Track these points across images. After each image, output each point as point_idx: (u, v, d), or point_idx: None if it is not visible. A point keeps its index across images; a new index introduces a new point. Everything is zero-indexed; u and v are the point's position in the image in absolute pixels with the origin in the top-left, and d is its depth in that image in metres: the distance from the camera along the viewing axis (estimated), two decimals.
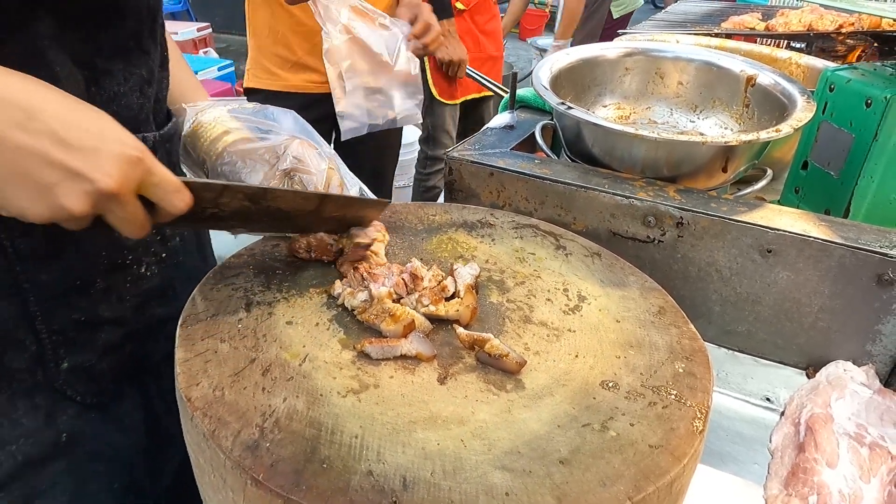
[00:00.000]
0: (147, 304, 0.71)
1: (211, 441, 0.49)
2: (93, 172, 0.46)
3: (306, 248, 0.72)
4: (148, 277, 0.71)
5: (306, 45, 1.73)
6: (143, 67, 0.65)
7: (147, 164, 0.50)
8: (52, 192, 0.46)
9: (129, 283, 0.69)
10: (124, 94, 0.62)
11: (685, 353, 0.64)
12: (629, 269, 0.77)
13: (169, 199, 0.52)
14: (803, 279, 0.78)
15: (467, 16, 2.53)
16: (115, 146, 0.48)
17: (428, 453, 0.49)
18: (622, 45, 1.15)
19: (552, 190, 0.89)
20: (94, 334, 0.67)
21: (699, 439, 0.54)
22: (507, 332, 0.65)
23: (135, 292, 0.70)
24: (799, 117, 0.87)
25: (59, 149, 0.45)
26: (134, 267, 0.69)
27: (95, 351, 0.67)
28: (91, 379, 0.67)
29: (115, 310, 0.68)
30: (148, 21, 0.64)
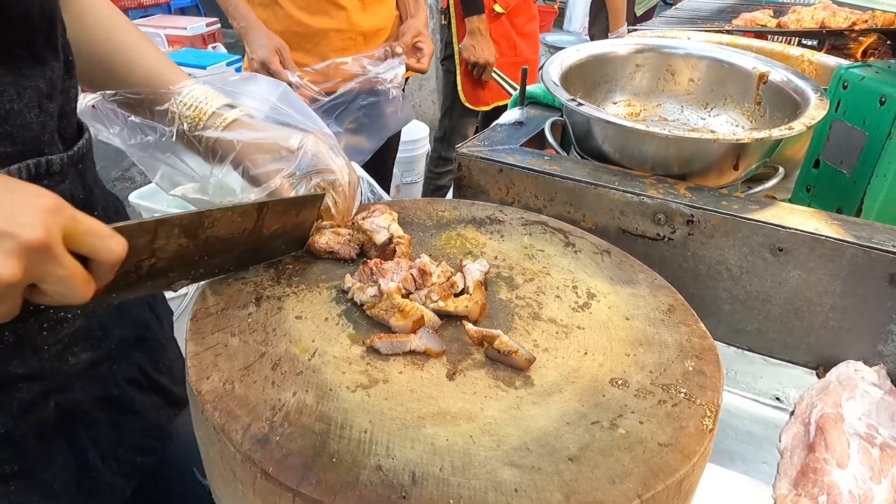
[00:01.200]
0: (69, 351, 0.63)
1: (221, 434, 0.49)
2: (12, 227, 0.40)
3: (326, 247, 0.71)
4: (68, 320, 0.61)
5: (306, 46, 1.72)
6: (40, 79, 0.55)
7: (69, 212, 0.44)
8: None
9: (46, 330, 0.60)
10: (19, 112, 0.53)
11: (695, 352, 0.63)
12: (638, 267, 0.77)
13: (104, 245, 0.45)
14: (815, 278, 0.78)
15: (506, 19, 2.46)
16: (26, 198, 0.42)
17: (437, 449, 0.49)
18: (633, 42, 1.15)
19: (562, 187, 0.89)
20: (7, 395, 0.58)
21: (709, 438, 0.53)
22: (516, 329, 0.65)
23: (53, 340, 0.61)
24: (812, 115, 0.86)
25: None
26: (50, 311, 0.59)
27: (11, 414, 0.58)
28: (9, 445, 0.59)
29: (31, 364, 0.59)
30: (42, 26, 0.55)
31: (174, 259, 0.57)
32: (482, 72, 2.37)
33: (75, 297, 0.45)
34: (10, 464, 0.60)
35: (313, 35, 1.71)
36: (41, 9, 0.55)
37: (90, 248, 0.45)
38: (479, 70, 2.37)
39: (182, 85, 0.71)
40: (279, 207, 0.64)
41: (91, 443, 0.68)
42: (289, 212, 0.66)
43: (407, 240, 0.73)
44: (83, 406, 0.66)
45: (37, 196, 0.43)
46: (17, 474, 0.61)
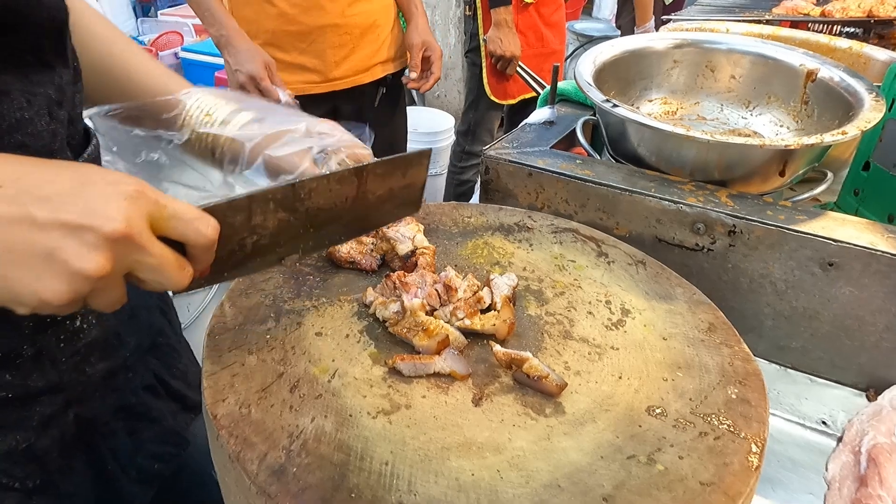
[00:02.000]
0: (86, 362, 0.62)
1: (236, 463, 0.47)
2: (91, 219, 0.39)
3: (347, 257, 0.69)
4: (85, 331, 0.61)
5: (301, 45, 1.64)
6: (50, 86, 0.54)
7: (152, 197, 0.42)
8: (58, 257, 0.38)
9: (64, 342, 0.59)
10: (30, 121, 0.51)
11: (738, 377, 0.59)
12: (675, 280, 0.73)
13: (193, 228, 0.44)
14: (868, 295, 0.72)
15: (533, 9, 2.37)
16: (103, 187, 0.41)
17: (462, 485, 0.46)
18: (671, 37, 1.09)
19: (594, 192, 0.85)
20: (27, 410, 0.57)
21: (755, 477, 0.49)
22: (545, 349, 0.61)
23: (71, 351, 0.60)
24: (867, 118, 0.80)
25: (42, 207, 0.38)
26: (66, 322, 0.59)
27: (31, 427, 0.58)
28: (32, 459, 0.58)
29: (49, 377, 0.58)
30: (51, 32, 0.54)
31: (278, 234, 0.54)
32: (507, 65, 2.30)
33: (172, 283, 0.44)
34: (33, 478, 0.59)
35: (308, 33, 1.62)
36: (50, 15, 0.53)
37: (179, 232, 0.44)
38: (503, 63, 2.31)
39: (187, 92, 0.68)
40: (380, 170, 0.60)
41: (110, 453, 0.67)
42: (393, 173, 0.62)
43: (431, 251, 0.70)
44: (101, 416, 0.66)
45: (115, 184, 0.41)
46: (39, 489, 0.60)
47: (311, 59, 1.67)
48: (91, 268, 0.39)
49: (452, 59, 3.91)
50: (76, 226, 0.38)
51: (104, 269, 0.39)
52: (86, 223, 0.39)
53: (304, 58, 1.67)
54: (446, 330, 0.59)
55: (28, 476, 0.59)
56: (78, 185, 0.40)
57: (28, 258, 0.38)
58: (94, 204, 0.39)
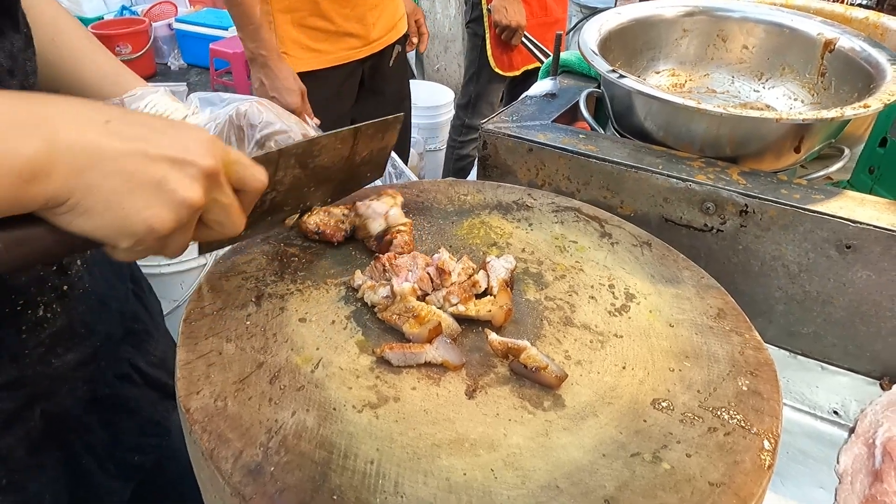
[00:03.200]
0: (52, 353, 0.59)
1: (210, 461, 0.44)
2: (192, 155, 0.43)
3: (314, 227, 0.65)
4: (49, 320, 0.58)
5: (344, 12, 1.64)
6: (0, 53, 0.51)
7: (221, 144, 0.46)
8: (165, 187, 0.42)
9: (26, 332, 0.56)
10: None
11: (749, 367, 0.56)
12: (683, 263, 0.69)
13: (251, 174, 0.48)
14: (887, 280, 0.68)
15: None
16: (192, 131, 0.45)
17: (453, 486, 0.43)
18: (681, 4, 1.03)
19: (598, 169, 0.80)
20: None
21: (767, 476, 0.46)
22: (544, 337, 0.57)
23: (34, 343, 0.57)
24: (890, 90, 0.75)
25: (153, 144, 0.42)
26: (28, 312, 0.56)
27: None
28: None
29: (10, 371, 0.56)
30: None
31: (289, 191, 0.59)
32: (512, 35, 2.23)
33: (233, 225, 0.48)
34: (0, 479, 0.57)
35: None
36: None
37: (239, 177, 0.47)
38: (508, 34, 2.24)
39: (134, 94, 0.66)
40: (370, 131, 0.65)
41: (84, 448, 0.64)
42: (376, 135, 0.66)
43: (408, 226, 0.66)
44: (72, 410, 0.63)
45: (196, 130, 0.45)
46: (6, 489, 0.57)
47: (355, 24, 1.65)
48: (193, 197, 0.43)
49: (452, 30, 3.81)
50: (181, 160, 0.42)
51: (201, 199, 0.43)
52: (188, 158, 0.42)
53: (349, 24, 1.65)
54: (438, 316, 0.55)
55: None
56: (170, 126, 0.44)
57: (142, 187, 0.41)
58: (190, 143, 0.43)
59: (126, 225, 0.41)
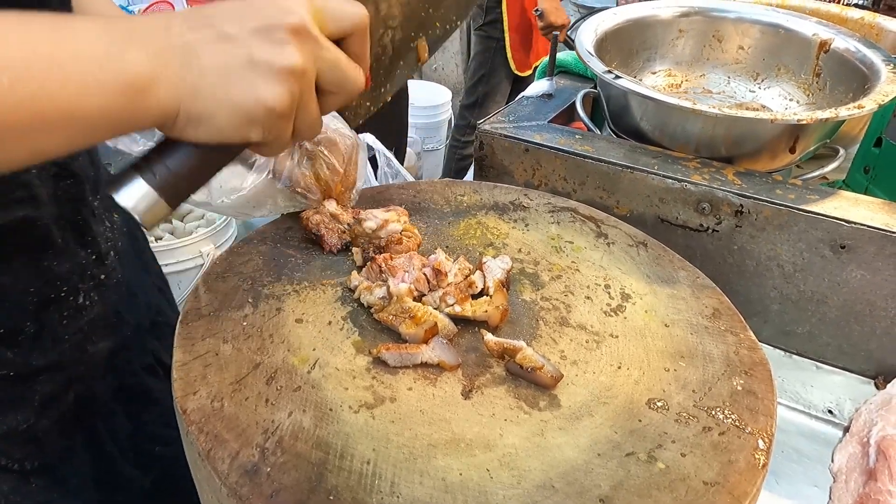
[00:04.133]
0: (88, 340, 0.61)
1: (206, 462, 0.44)
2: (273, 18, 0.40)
3: (315, 226, 0.64)
4: (87, 308, 0.60)
5: None
6: None
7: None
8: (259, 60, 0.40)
9: (67, 319, 0.58)
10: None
11: (744, 367, 0.56)
12: (678, 263, 0.69)
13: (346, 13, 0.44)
14: (881, 280, 0.69)
15: None
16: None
17: (448, 485, 0.43)
18: (677, 4, 1.03)
19: (594, 169, 0.80)
20: (28, 389, 0.56)
21: (761, 476, 0.46)
22: (540, 337, 0.58)
23: (73, 329, 0.58)
24: (884, 91, 0.75)
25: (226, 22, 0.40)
26: (70, 298, 0.58)
27: (32, 408, 0.56)
28: (31, 440, 0.57)
29: (51, 355, 0.57)
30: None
31: (405, 24, 0.53)
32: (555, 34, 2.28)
33: (353, 80, 0.44)
34: (32, 460, 0.58)
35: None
36: None
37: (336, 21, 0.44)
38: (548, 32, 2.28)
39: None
40: None
41: (109, 435, 0.65)
42: None
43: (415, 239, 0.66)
44: (101, 397, 0.64)
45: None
46: (38, 471, 0.58)
47: None
48: (291, 60, 0.40)
49: None
50: (262, 27, 0.40)
51: (300, 60, 0.41)
52: (269, 23, 0.40)
53: None
54: (434, 317, 0.55)
55: (27, 457, 0.57)
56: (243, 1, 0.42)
57: (236, 70, 0.39)
58: (268, 7, 0.41)
59: (242, 113, 0.40)
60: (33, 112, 0.35)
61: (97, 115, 0.37)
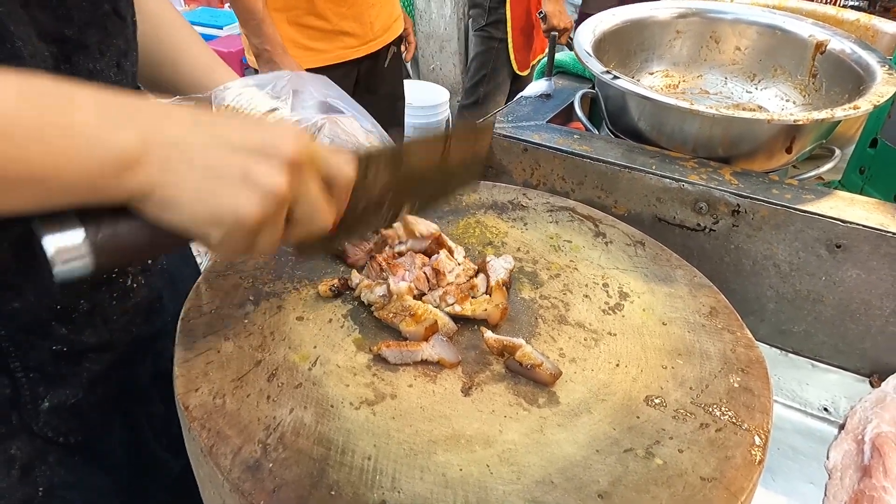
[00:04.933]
0: (133, 322, 0.63)
1: (209, 458, 0.44)
2: (276, 145, 0.43)
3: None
4: (135, 290, 0.62)
5: (341, 10, 1.62)
6: (120, 37, 0.55)
7: (307, 136, 0.46)
8: (250, 176, 0.42)
9: (116, 300, 0.60)
10: (100, 71, 0.53)
11: (741, 364, 0.56)
12: (676, 262, 0.70)
13: (337, 164, 0.47)
14: (876, 279, 0.69)
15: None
16: (278, 124, 0.45)
17: (449, 481, 0.44)
18: (675, 5, 1.04)
19: (592, 169, 0.81)
20: (77, 365, 0.58)
21: (758, 471, 0.47)
22: (539, 335, 0.58)
23: (121, 310, 0.61)
24: (879, 92, 0.76)
25: (237, 136, 0.43)
26: (120, 280, 0.60)
27: (80, 384, 0.58)
28: (75, 416, 0.59)
29: (101, 334, 0.59)
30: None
31: (381, 196, 0.57)
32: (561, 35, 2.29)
33: (322, 219, 0.47)
34: (76, 434, 0.60)
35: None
36: None
37: (327, 169, 0.47)
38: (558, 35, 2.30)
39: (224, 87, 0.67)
40: (461, 135, 0.63)
41: (145, 418, 0.67)
42: (468, 139, 0.64)
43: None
44: (140, 380, 0.66)
45: (282, 125, 0.46)
46: (80, 445, 0.60)
47: (351, 22, 1.64)
48: (278, 186, 0.42)
49: (448, 30, 3.81)
50: (264, 150, 0.42)
51: (286, 189, 0.43)
52: (272, 147, 0.43)
53: (346, 23, 1.64)
54: (435, 315, 0.55)
55: (71, 431, 0.59)
56: (255, 122, 0.45)
57: (227, 178, 0.41)
58: (274, 134, 0.43)
59: (213, 215, 0.41)
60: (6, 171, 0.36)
61: (71, 183, 0.38)
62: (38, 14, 0.48)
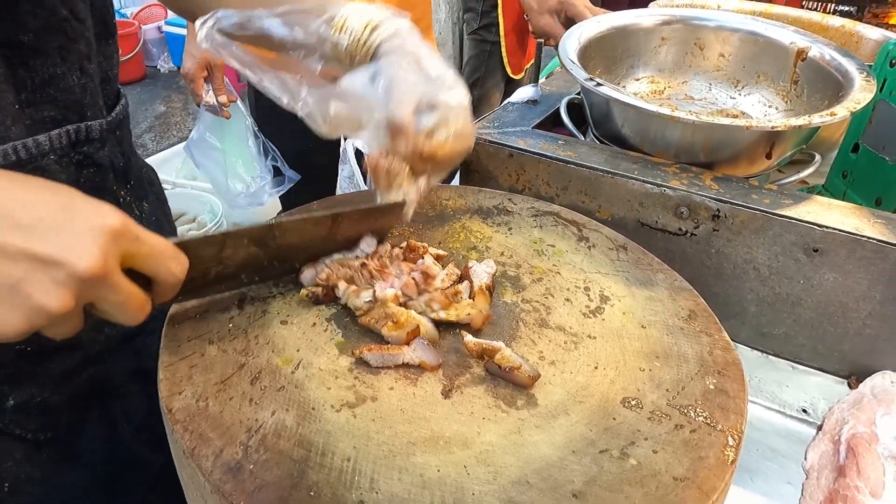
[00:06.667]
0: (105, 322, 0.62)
1: (191, 459, 0.45)
2: (65, 255, 0.37)
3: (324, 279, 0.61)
4: None
5: None
6: (81, 40, 0.54)
7: (133, 233, 0.41)
8: (21, 290, 0.36)
9: None
10: (62, 76, 0.52)
11: (717, 367, 0.58)
12: (657, 266, 0.71)
13: (165, 267, 0.44)
14: (852, 282, 0.71)
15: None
16: (87, 219, 0.39)
17: (426, 481, 0.45)
18: (659, 13, 1.05)
19: (576, 174, 0.82)
20: (43, 365, 0.58)
21: (730, 471, 0.48)
22: (520, 338, 0.59)
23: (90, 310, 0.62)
24: (856, 98, 0.77)
25: (16, 235, 0.36)
26: None
27: (47, 383, 0.59)
28: (44, 413, 0.59)
29: None
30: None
31: (243, 266, 0.55)
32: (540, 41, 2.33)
33: (129, 320, 0.44)
34: (45, 431, 0.60)
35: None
36: None
37: (151, 270, 0.44)
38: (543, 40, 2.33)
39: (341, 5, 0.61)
40: (356, 217, 0.61)
41: (123, 415, 0.67)
42: (367, 219, 0.62)
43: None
44: (117, 378, 0.66)
45: (101, 216, 0.39)
46: (49, 442, 0.60)
47: None
48: (54, 305, 0.37)
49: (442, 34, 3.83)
50: (48, 260, 0.37)
51: (67, 306, 0.38)
52: (59, 259, 0.37)
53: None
54: (417, 320, 0.56)
55: (39, 429, 0.59)
56: (60, 213, 0.38)
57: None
58: (71, 239, 0.37)
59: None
60: None
61: None
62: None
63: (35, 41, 0.50)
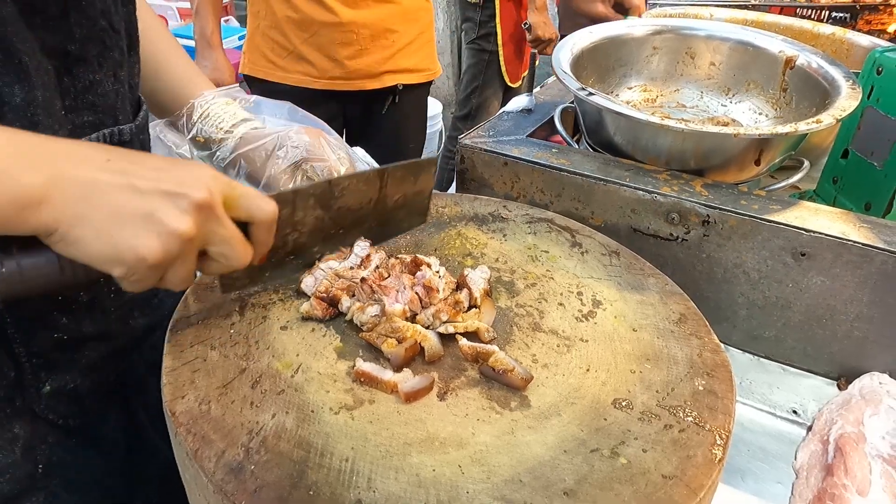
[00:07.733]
0: (131, 315, 0.67)
1: (194, 461, 0.46)
2: (185, 188, 0.45)
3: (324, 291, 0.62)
4: None
5: (302, 35, 1.61)
6: (116, 49, 0.58)
7: (225, 179, 0.49)
8: (154, 217, 0.44)
9: (114, 293, 0.64)
10: (100, 82, 0.57)
11: (706, 368, 0.59)
12: (649, 271, 0.72)
13: (257, 205, 0.50)
14: (839, 285, 0.72)
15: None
16: (189, 168, 0.47)
17: (422, 481, 0.46)
18: (650, 23, 1.08)
19: (570, 182, 0.84)
20: (77, 353, 0.62)
21: (717, 469, 0.49)
22: (514, 342, 0.61)
23: (119, 303, 0.65)
24: (842, 106, 0.79)
25: (144, 178, 0.45)
26: None
27: (79, 370, 0.63)
28: (74, 400, 0.63)
29: (100, 324, 0.63)
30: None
31: (313, 233, 0.59)
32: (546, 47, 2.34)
33: (237, 257, 0.50)
34: (75, 418, 0.64)
35: (309, 24, 1.59)
36: None
37: (246, 209, 0.50)
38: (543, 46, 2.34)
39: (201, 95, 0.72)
40: (398, 173, 0.65)
41: (142, 405, 0.71)
42: (407, 178, 0.66)
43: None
44: (138, 369, 0.69)
45: (197, 167, 0.48)
46: (78, 428, 0.64)
47: (312, 51, 1.62)
48: (183, 228, 0.44)
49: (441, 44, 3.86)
50: (172, 192, 0.45)
51: (191, 230, 0.45)
52: (179, 191, 0.45)
53: (305, 48, 1.62)
54: (424, 337, 0.57)
55: (70, 415, 0.63)
56: (170, 164, 0.47)
57: (131, 218, 0.44)
58: (185, 177, 0.46)
59: (115, 253, 0.44)
60: None
61: None
62: (42, 32, 0.51)
63: (79, 50, 0.54)
